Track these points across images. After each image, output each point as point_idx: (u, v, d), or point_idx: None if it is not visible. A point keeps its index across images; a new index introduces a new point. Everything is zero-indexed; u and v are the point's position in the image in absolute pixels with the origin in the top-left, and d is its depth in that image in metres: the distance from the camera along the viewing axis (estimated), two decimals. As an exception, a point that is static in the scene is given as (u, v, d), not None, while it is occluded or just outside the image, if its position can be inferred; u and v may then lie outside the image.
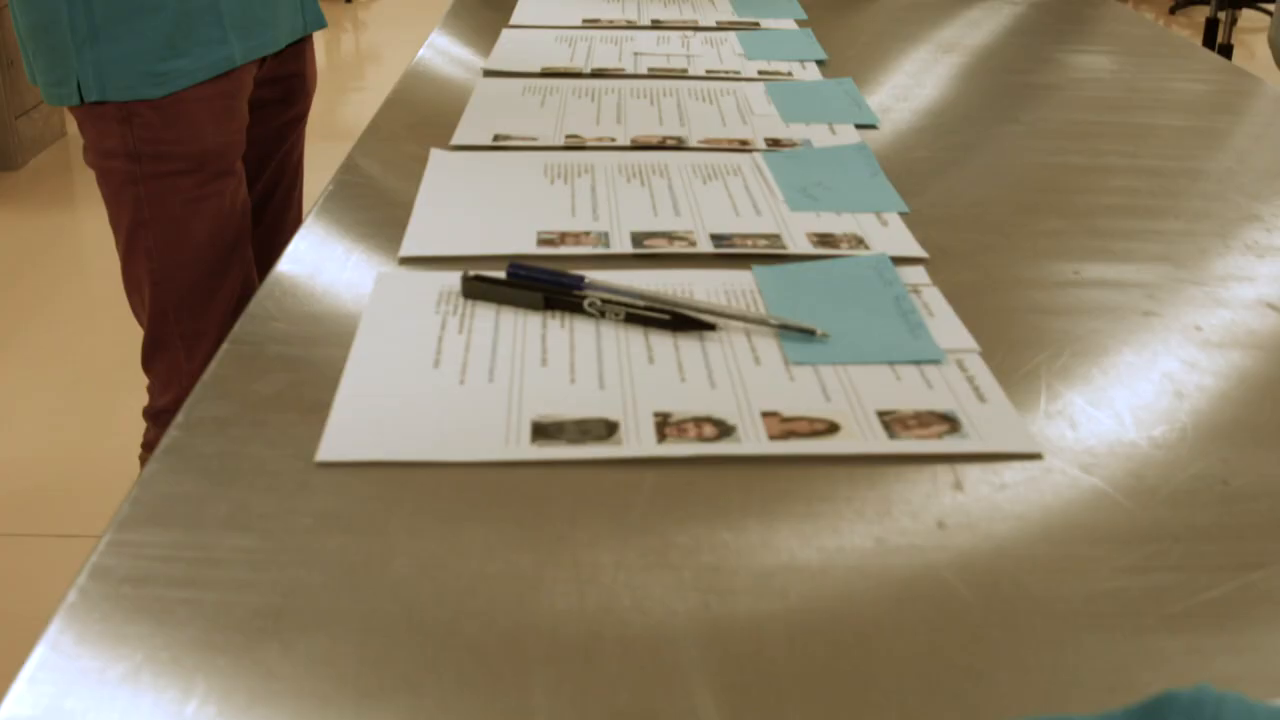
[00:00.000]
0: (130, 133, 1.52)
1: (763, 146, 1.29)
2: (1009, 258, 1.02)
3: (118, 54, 1.50)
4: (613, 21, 1.86)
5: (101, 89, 1.50)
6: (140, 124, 1.52)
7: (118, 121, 1.52)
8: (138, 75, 1.51)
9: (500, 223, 1.06)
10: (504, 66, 1.58)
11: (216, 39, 1.56)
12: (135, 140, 1.53)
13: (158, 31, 1.50)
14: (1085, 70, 1.66)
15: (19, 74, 4.59)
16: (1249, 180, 1.23)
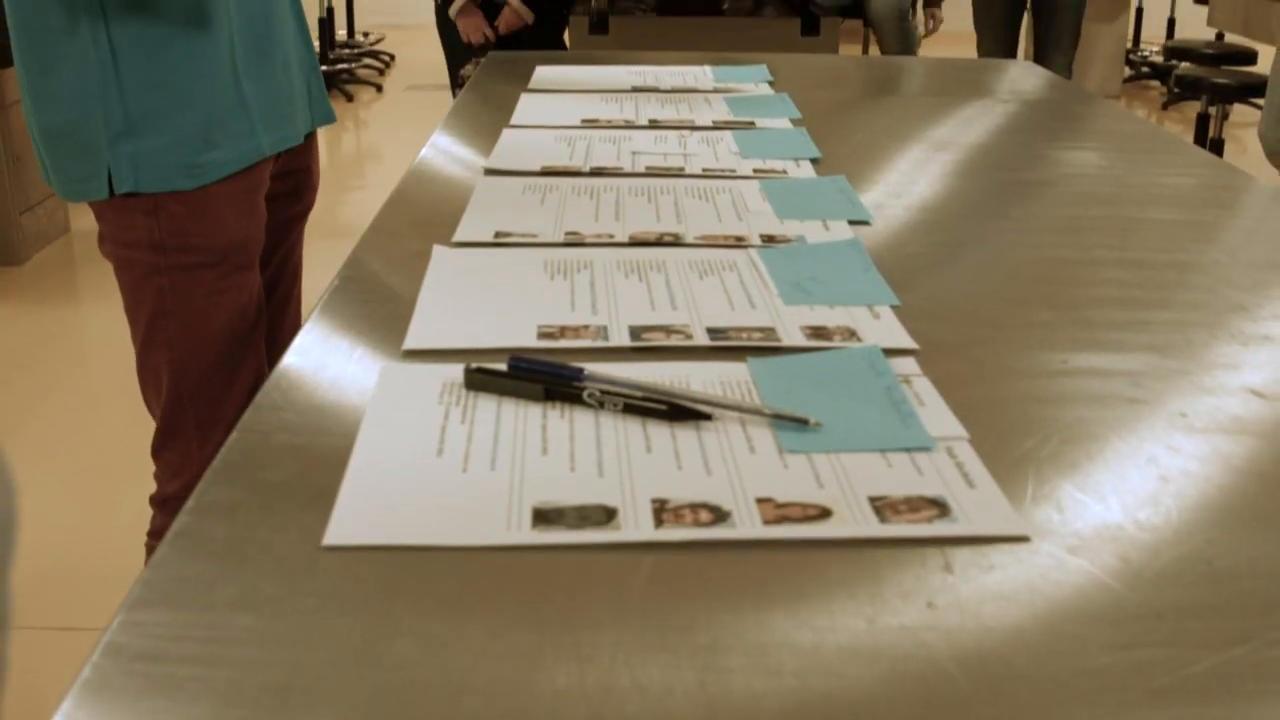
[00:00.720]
0: (156, 225, 1.56)
1: (758, 242, 1.32)
2: (999, 349, 1.04)
3: (152, 147, 1.54)
4: (611, 121, 1.90)
5: (135, 181, 1.54)
6: (166, 216, 1.56)
7: (144, 214, 1.55)
8: (172, 167, 1.55)
9: (501, 317, 1.08)
10: (505, 165, 1.61)
11: (245, 131, 1.61)
12: (161, 233, 1.56)
13: (192, 125, 1.55)
14: (1075, 166, 1.69)
15: (23, 169, 4.66)
16: (1235, 272, 1.25)
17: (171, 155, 1.54)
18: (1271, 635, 0.65)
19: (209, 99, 1.56)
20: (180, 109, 1.54)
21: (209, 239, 1.58)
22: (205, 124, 1.56)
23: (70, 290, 4.47)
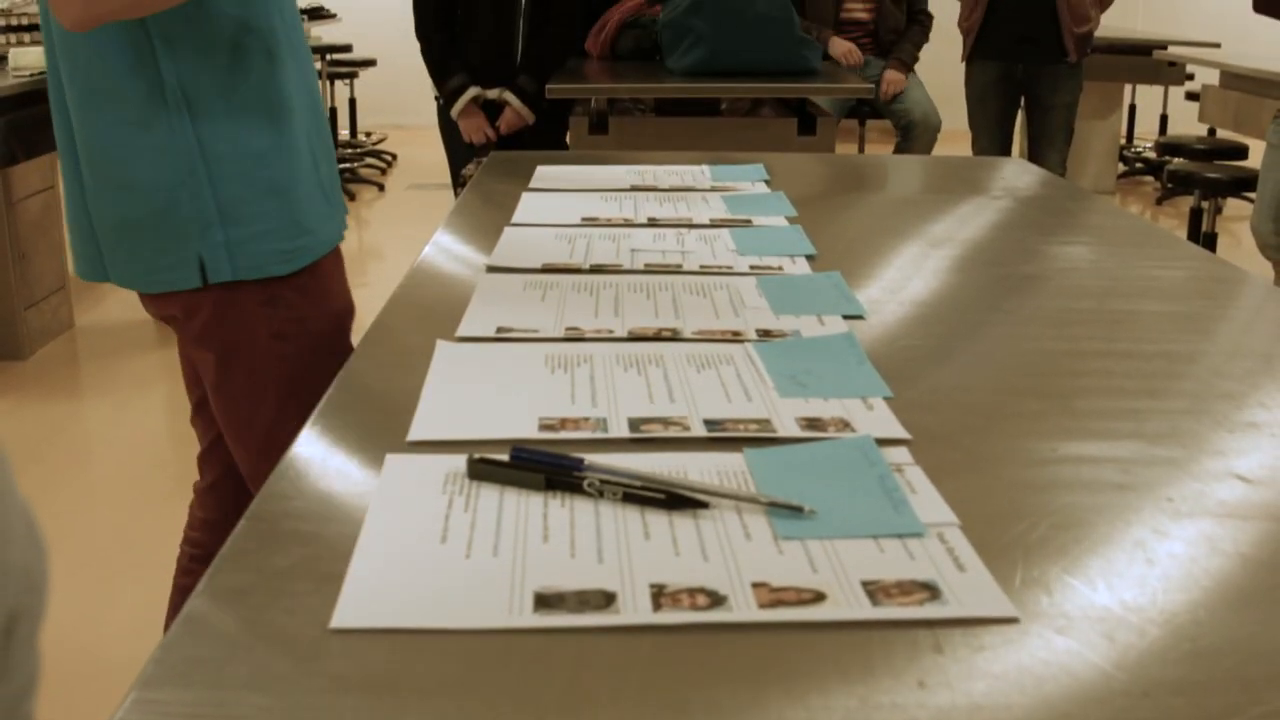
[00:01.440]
0: (275, 315, 1.63)
1: (754, 337, 1.35)
2: (990, 438, 1.07)
3: (247, 234, 1.60)
4: (610, 219, 1.94)
5: (232, 269, 1.59)
6: (284, 305, 1.63)
7: (260, 304, 1.61)
8: (268, 254, 1.61)
9: (503, 409, 1.11)
10: (507, 263, 1.65)
11: (327, 214, 1.70)
12: (280, 321, 1.64)
13: (282, 210, 1.62)
14: (1067, 260, 1.73)
15: (29, 265, 4.72)
16: (1222, 361, 1.28)
17: (266, 242, 1.60)
18: (1254, 711, 0.66)
19: (295, 183, 1.63)
20: (270, 195, 1.61)
21: (324, 320, 1.65)
22: (294, 208, 1.62)
23: (73, 386, 4.51)
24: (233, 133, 1.58)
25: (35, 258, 4.86)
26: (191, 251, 1.58)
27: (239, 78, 1.59)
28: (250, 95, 1.59)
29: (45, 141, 4.70)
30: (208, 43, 1.56)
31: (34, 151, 4.66)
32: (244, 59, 1.59)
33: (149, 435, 4.06)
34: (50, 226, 5.05)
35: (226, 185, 1.58)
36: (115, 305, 5.36)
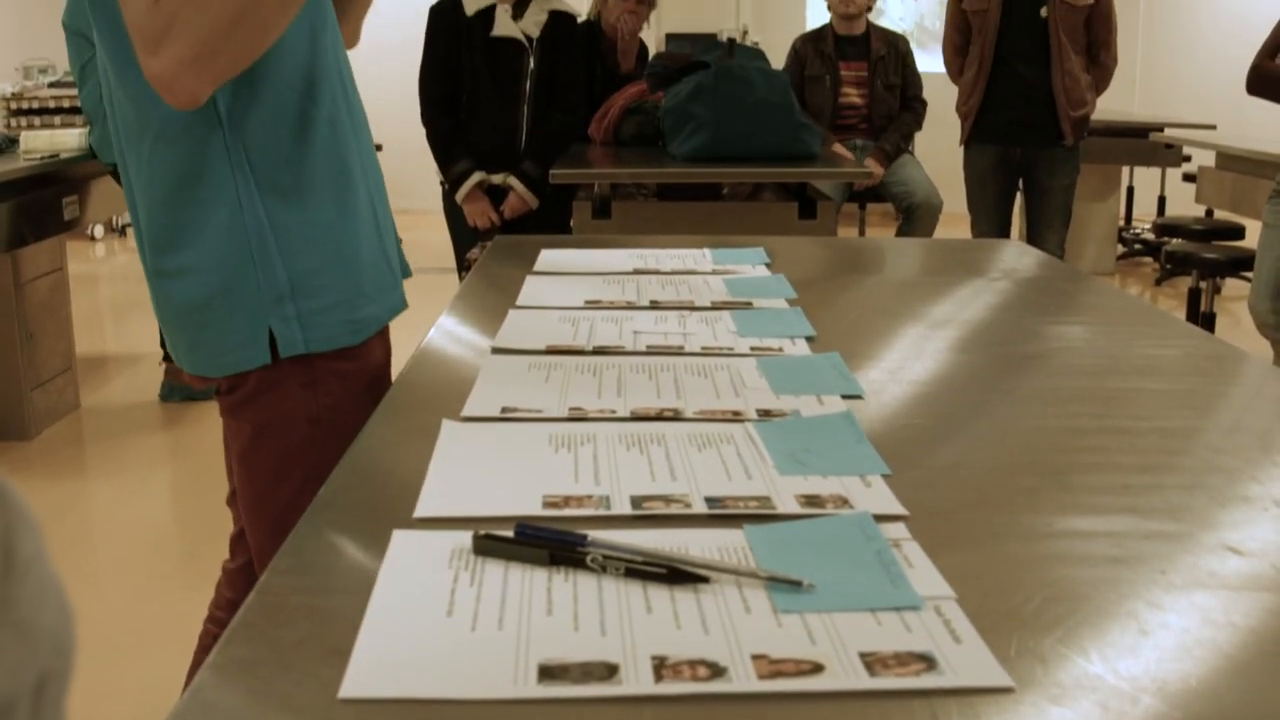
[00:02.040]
0: (314, 400, 1.65)
1: (754, 417, 1.37)
2: (985, 514, 1.08)
3: (318, 306, 1.63)
4: (613, 302, 1.96)
5: (305, 342, 1.61)
6: (324, 390, 1.66)
7: (302, 387, 1.64)
8: (337, 325, 1.65)
9: (508, 487, 1.13)
10: (511, 344, 1.67)
11: (390, 283, 1.75)
12: (318, 407, 1.66)
13: (350, 281, 1.66)
14: (1063, 340, 1.75)
15: (36, 347, 4.75)
16: (1215, 437, 1.30)
17: (336, 313, 1.63)
18: (1242, 777, 0.68)
19: (361, 253, 1.67)
20: (339, 266, 1.64)
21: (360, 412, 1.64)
22: (360, 278, 1.66)
23: (79, 466, 4.53)
24: (300, 205, 1.62)
25: (43, 338, 4.90)
26: (262, 327, 1.61)
27: (305, 149, 1.63)
28: (316, 166, 1.64)
29: (54, 224, 4.76)
30: (273, 117, 1.59)
31: (43, 234, 4.72)
32: (309, 130, 1.63)
33: (154, 517, 4.07)
34: (58, 307, 5.09)
35: (296, 258, 1.61)
36: (121, 387, 5.39)
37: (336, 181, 1.66)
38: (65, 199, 4.82)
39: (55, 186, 4.79)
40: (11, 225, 4.41)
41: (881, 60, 5.87)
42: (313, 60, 1.63)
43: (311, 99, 1.63)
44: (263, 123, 1.58)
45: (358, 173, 1.71)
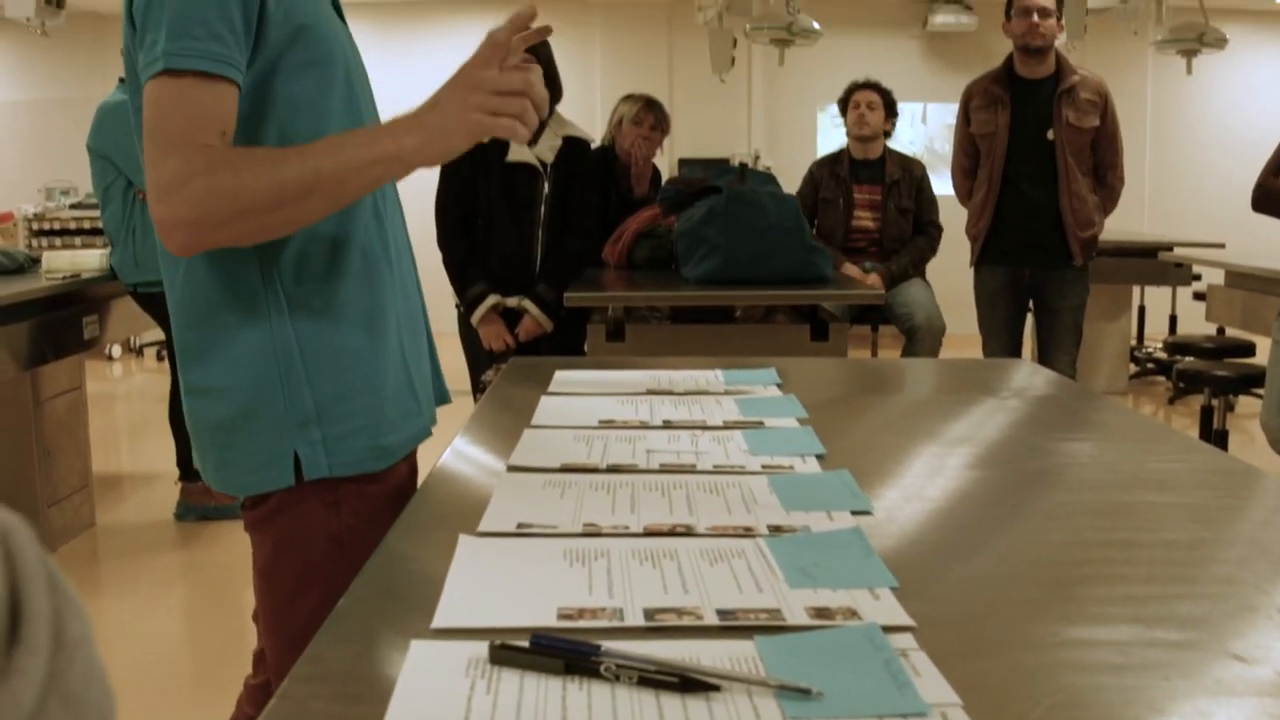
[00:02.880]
0: (337, 520, 1.68)
1: (765, 532, 1.39)
2: (992, 624, 1.10)
3: (343, 431, 1.67)
4: (627, 422, 1.99)
5: (328, 466, 1.65)
6: (348, 511, 1.68)
7: (325, 506, 1.67)
8: (361, 451, 1.69)
9: (524, 599, 1.15)
10: (526, 463, 1.70)
11: (414, 410, 1.78)
12: (341, 528, 1.68)
13: (375, 408, 1.69)
14: (1073, 457, 1.77)
15: (53, 464, 4.79)
16: (1220, 548, 1.32)
17: (360, 439, 1.67)
18: None
19: (387, 381, 1.71)
20: (365, 393, 1.68)
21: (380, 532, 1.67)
22: (385, 405, 1.70)
23: (94, 584, 4.54)
24: (330, 332, 1.68)
25: (60, 456, 4.95)
26: (287, 449, 1.65)
27: (336, 277, 1.69)
28: (347, 294, 1.69)
29: (74, 343, 4.82)
30: (307, 245, 1.66)
31: (63, 352, 4.78)
32: (341, 258, 1.70)
33: (168, 635, 4.07)
34: (75, 426, 5.14)
35: (324, 383, 1.66)
36: (136, 505, 5.42)
37: (367, 309, 1.71)
38: (85, 318, 4.89)
39: (76, 306, 4.86)
40: (32, 343, 4.48)
41: (896, 184, 5.95)
42: None
43: (345, 228, 1.70)
44: (296, 250, 1.64)
45: (389, 301, 1.76)
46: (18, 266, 5.02)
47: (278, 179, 1.53)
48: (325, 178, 1.55)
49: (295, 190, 1.54)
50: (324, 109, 1.69)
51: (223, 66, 1.57)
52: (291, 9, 1.65)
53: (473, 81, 1.56)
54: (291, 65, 1.66)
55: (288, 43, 1.65)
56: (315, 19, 1.69)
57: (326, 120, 1.69)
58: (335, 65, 1.71)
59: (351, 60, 1.78)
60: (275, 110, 1.66)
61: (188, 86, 1.55)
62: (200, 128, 1.54)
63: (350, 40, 1.83)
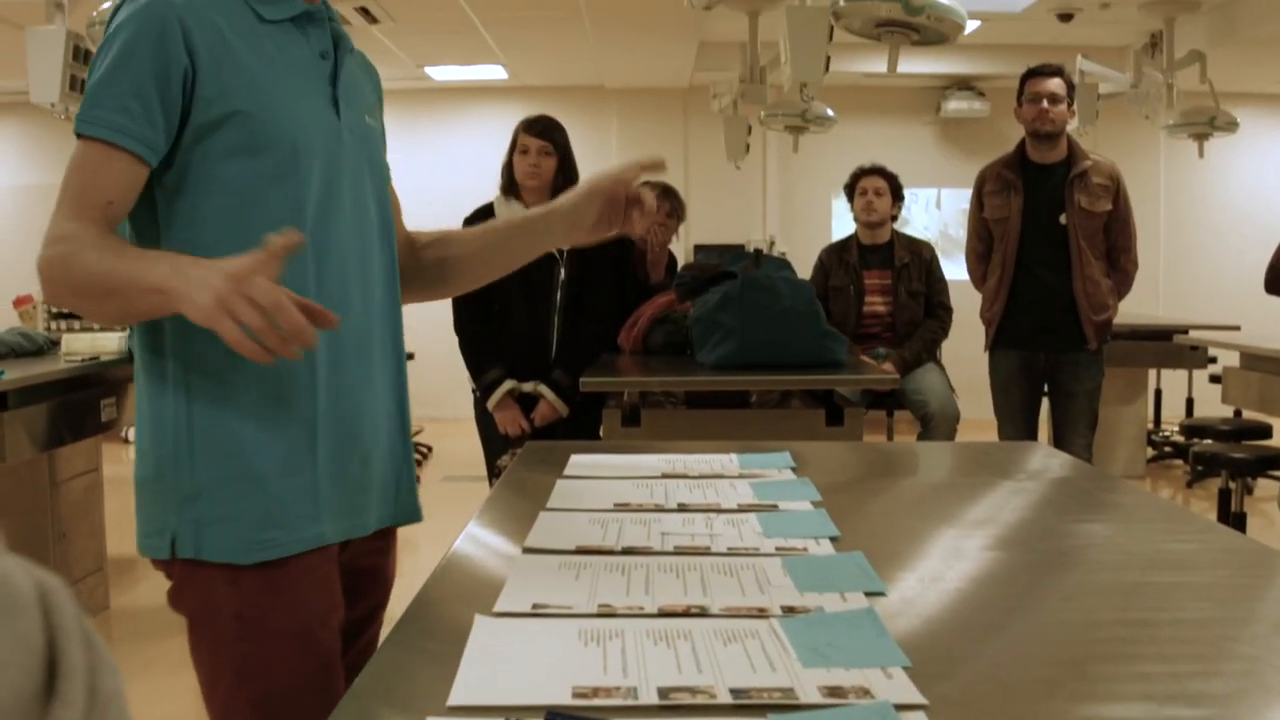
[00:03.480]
0: (238, 595, 1.66)
1: (778, 613, 1.40)
2: (1004, 703, 1.11)
3: (214, 516, 1.66)
4: (642, 505, 2.00)
5: (196, 548, 1.66)
6: (247, 589, 1.66)
7: (225, 583, 1.65)
8: (232, 540, 1.66)
9: (539, 678, 1.16)
10: (542, 545, 1.71)
11: (310, 516, 1.72)
12: (242, 603, 1.66)
13: (255, 502, 1.67)
14: (1086, 538, 1.78)
15: (69, 546, 4.82)
16: (1233, 627, 1.33)
17: (232, 527, 1.66)
18: None
19: (276, 479, 1.68)
20: (245, 483, 1.67)
21: (290, 613, 1.68)
22: (268, 503, 1.67)
23: (109, 672, 4.52)
24: (222, 416, 1.68)
25: (75, 538, 4.96)
26: (169, 523, 1.67)
27: (230, 368, 1.66)
28: (242, 384, 1.68)
29: (92, 425, 4.85)
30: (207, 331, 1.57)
31: (81, 434, 4.80)
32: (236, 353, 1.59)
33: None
34: (91, 508, 5.15)
35: (206, 465, 1.67)
36: (150, 588, 5.41)
37: (265, 399, 1.70)
38: (103, 401, 4.92)
39: (94, 389, 4.89)
40: (50, 425, 4.50)
41: (905, 268, 5.98)
42: None
43: None
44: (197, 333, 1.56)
45: (299, 397, 1.72)
46: (37, 349, 5.06)
47: (99, 271, 1.58)
48: (121, 286, 1.57)
49: (102, 288, 1.58)
50: (255, 196, 1.70)
51: (123, 138, 1.63)
52: (227, 94, 1.68)
53: (230, 268, 1.48)
54: (221, 148, 1.68)
55: (216, 126, 1.67)
56: (258, 107, 1.70)
57: (257, 207, 1.69)
58: (277, 154, 1.71)
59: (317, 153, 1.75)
60: (199, 188, 1.69)
61: (89, 153, 1.64)
62: (87, 194, 1.63)
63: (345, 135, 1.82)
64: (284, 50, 1.77)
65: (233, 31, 1.71)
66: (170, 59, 1.65)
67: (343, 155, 1.80)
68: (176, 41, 1.65)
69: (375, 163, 1.90)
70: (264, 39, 1.74)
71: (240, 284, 1.46)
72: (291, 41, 1.78)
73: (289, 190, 1.72)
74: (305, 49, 1.80)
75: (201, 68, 1.67)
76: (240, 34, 1.71)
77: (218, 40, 1.68)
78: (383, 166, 1.94)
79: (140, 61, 1.64)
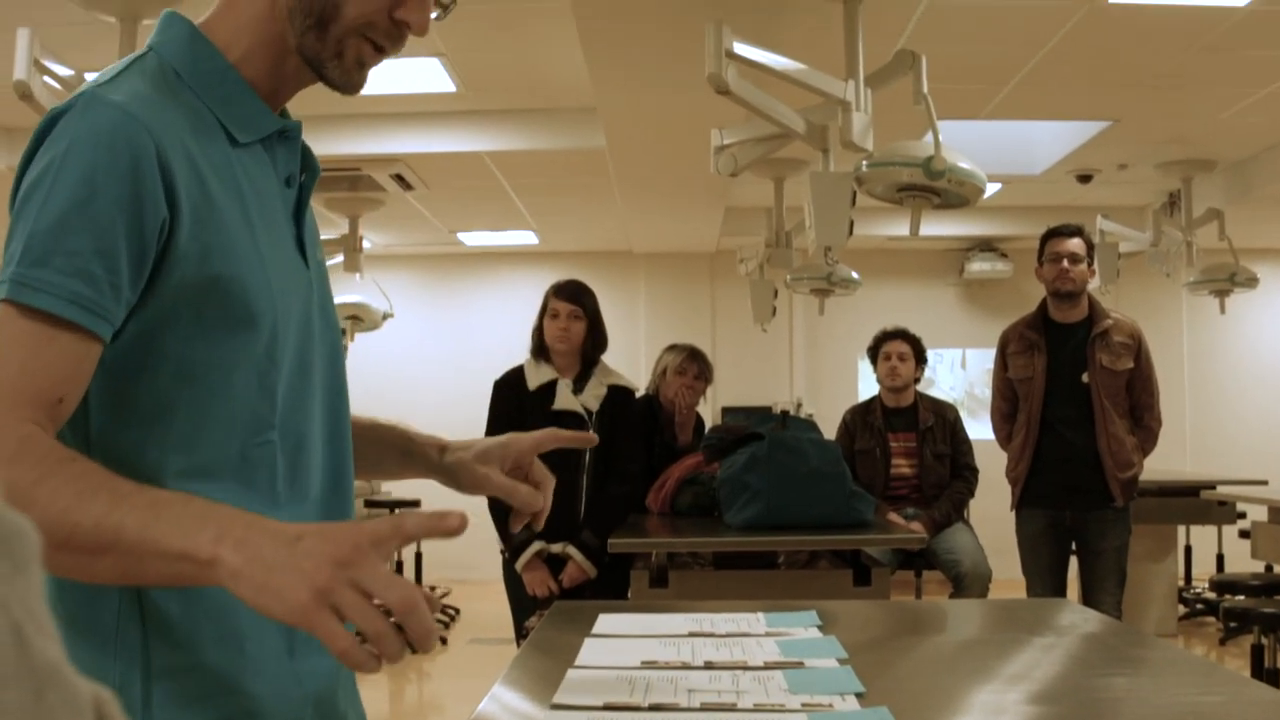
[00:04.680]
0: None
1: (804, 766, 1.43)
2: None
3: None
4: (669, 663, 2.02)
5: None
6: None
7: None
8: None
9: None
10: (570, 701, 1.74)
11: None
12: None
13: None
14: (1116, 692, 1.79)
15: None
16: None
17: None
18: None
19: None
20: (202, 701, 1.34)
21: None
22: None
23: None
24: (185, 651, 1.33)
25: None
26: None
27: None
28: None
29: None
30: None
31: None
32: None
33: None
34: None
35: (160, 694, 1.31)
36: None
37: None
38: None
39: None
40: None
41: (930, 430, 6.02)
42: None
43: None
44: None
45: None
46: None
47: (73, 518, 1.15)
48: (125, 544, 1.16)
49: (86, 542, 1.15)
50: (226, 386, 1.35)
51: (81, 314, 1.23)
52: (211, 251, 1.32)
53: (340, 555, 1.11)
54: (193, 321, 1.32)
55: (194, 293, 1.32)
56: (242, 271, 1.34)
57: (226, 401, 1.36)
58: (257, 334, 1.36)
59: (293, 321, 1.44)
60: (157, 372, 1.32)
61: (31, 328, 1.22)
62: (28, 387, 1.21)
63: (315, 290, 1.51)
64: (255, 184, 1.41)
65: (207, 162, 1.34)
66: (146, 203, 1.26)
67: (313, 317, 1.48)
68: (154, 179, 1.27)
69: (331, 313, 1.55)
70: (237, 169, 1.39)
71: (349, 569, 1.11)
72: (261, 169, 1.44)
73: (262, 373, 1.38)
74: (272, 177, 1.45)
75: (181, 218, 1.29)
76: (214, 164, 1.36)
77: (194, 177, 1.31)
78: (335, 314, 1.58)
79: (107, 204, 1.24)
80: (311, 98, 1.53)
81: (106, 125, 1.26)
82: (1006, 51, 5.69)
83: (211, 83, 1.40)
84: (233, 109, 1.40)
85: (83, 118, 1.27)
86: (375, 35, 1.42)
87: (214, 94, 1.39)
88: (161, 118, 1.31)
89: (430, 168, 8.11)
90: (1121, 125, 7.04)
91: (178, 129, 1.32)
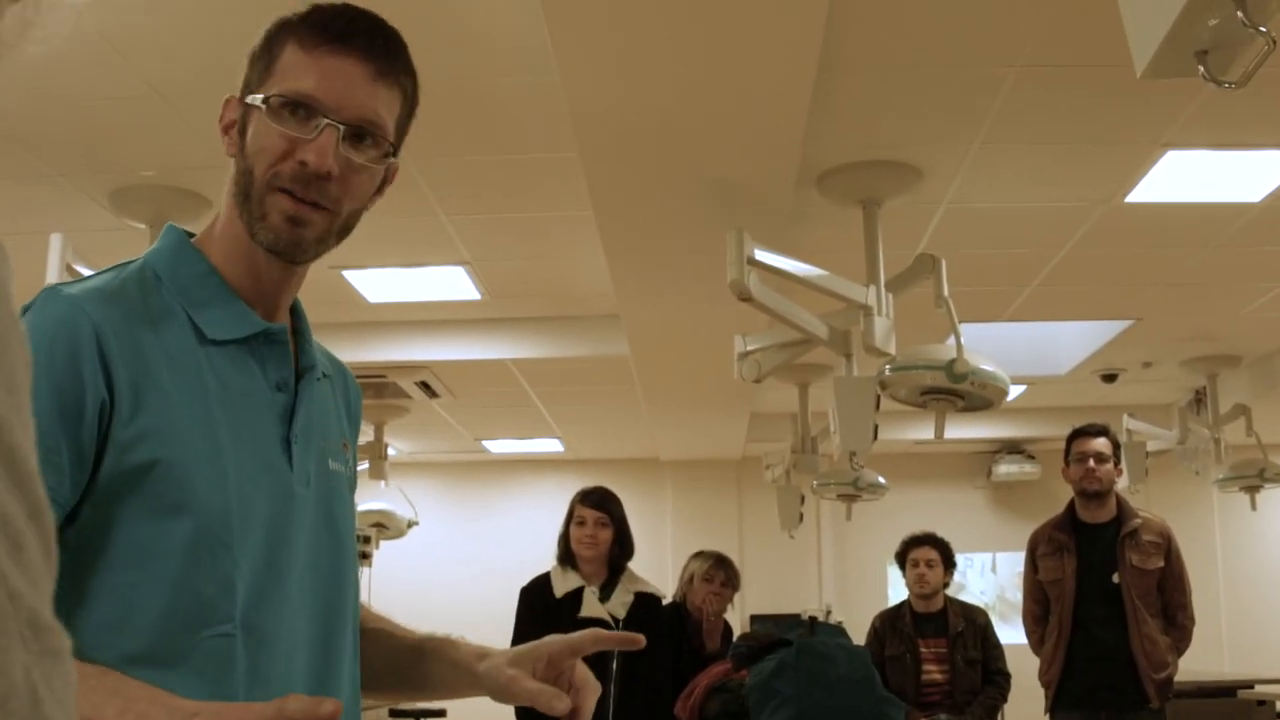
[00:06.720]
0: None
1: None
2: None
3: None
4: None
5: None
6: None
7: None
8: None
9: None
10: None
11: None
12: None
13: None
14: None
15: None
16: None
17: None
18: None
19: None
20: None
21: None
22: None
23: None
24: None
25: None
26: None
27: None
28: None
29: None
30: None
31: None
32: None
33: None
34: None
35: None
36: None
37: None
38: None
39: None
40: None
41: (960, 636, 5.94)
42: None
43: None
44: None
45: None
46: None
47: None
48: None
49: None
50: (167, 571, 1.34)
51: None
52: (149, 434, 1.34)
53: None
54: (137, 504, 1.33)
55: (134, 475, 1.33)
56: (186, 457, 1.35)
57: (169, 587, 1.33)
58: (201, 519, 1.35)
59: (257, 516, 1.41)
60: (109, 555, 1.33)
61: None
62: None
63: (299, 489, 1.47)
64: (227, 381, 1.43)
65: (161, 352, 1.38)
66: (85, 387, 1.31)
67: (294, 516, 1.46)
68: (93, 364, 1.32)
69: (337, 520, 1.54)
70: (202, 364, 1.41)
71: None
72: (239, 369, 1.45)
73: (216, 564, 1.35)
74: (256, 378, 1.47)
75: (120, 402, 1.33)
76: (171, 356, 1.39)
77: (139, 365, 1.35)
78: (347, 524, 1.57)
79: (46, 390, 1.27)
80: (338, 305, 1.53)
81: (54, 315, 1.33)
82: (1026, 253, 5.78)
83: (190, 285, 1.45)
84: (207, 310, 1.44)
85: (38, 312, 1.34)
86: (284, 184, 1.42)
87: (191, 296, 1.44)
88: (111, 307, 1.37)
89: (456, 375, 8.20)
90: (1144, 323, 7.10)
91: (131, 319, 1.37)
